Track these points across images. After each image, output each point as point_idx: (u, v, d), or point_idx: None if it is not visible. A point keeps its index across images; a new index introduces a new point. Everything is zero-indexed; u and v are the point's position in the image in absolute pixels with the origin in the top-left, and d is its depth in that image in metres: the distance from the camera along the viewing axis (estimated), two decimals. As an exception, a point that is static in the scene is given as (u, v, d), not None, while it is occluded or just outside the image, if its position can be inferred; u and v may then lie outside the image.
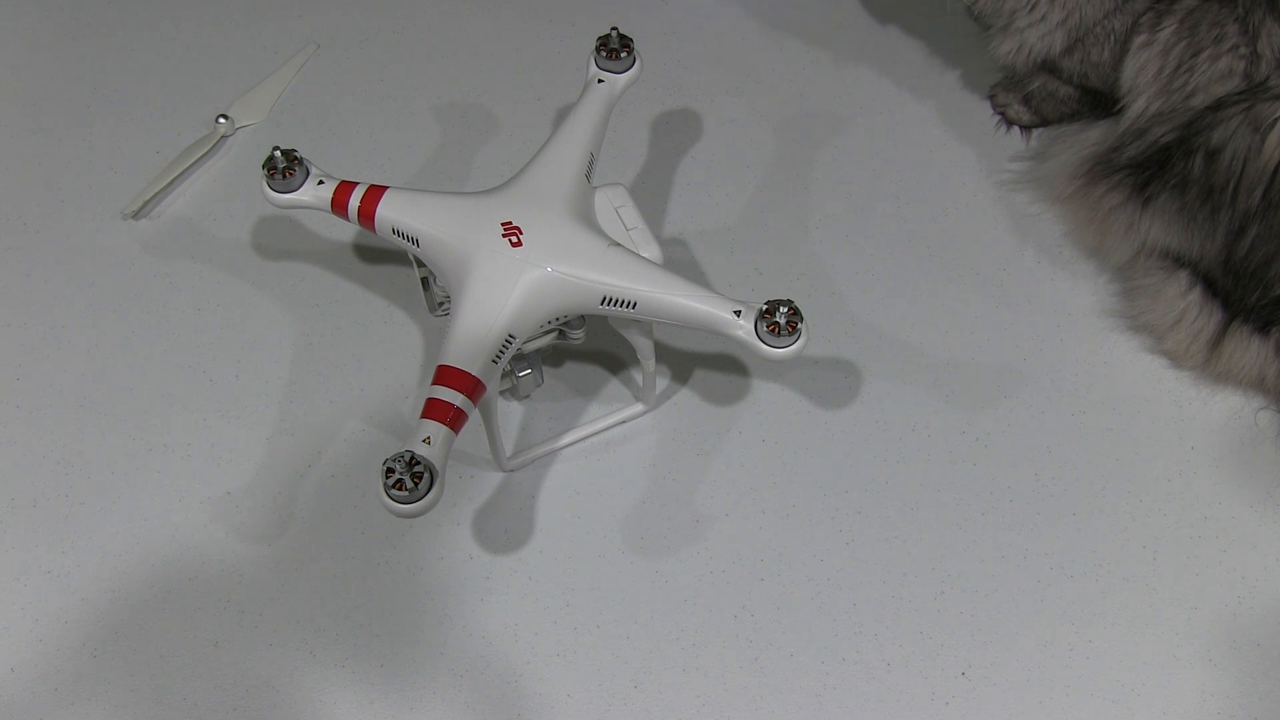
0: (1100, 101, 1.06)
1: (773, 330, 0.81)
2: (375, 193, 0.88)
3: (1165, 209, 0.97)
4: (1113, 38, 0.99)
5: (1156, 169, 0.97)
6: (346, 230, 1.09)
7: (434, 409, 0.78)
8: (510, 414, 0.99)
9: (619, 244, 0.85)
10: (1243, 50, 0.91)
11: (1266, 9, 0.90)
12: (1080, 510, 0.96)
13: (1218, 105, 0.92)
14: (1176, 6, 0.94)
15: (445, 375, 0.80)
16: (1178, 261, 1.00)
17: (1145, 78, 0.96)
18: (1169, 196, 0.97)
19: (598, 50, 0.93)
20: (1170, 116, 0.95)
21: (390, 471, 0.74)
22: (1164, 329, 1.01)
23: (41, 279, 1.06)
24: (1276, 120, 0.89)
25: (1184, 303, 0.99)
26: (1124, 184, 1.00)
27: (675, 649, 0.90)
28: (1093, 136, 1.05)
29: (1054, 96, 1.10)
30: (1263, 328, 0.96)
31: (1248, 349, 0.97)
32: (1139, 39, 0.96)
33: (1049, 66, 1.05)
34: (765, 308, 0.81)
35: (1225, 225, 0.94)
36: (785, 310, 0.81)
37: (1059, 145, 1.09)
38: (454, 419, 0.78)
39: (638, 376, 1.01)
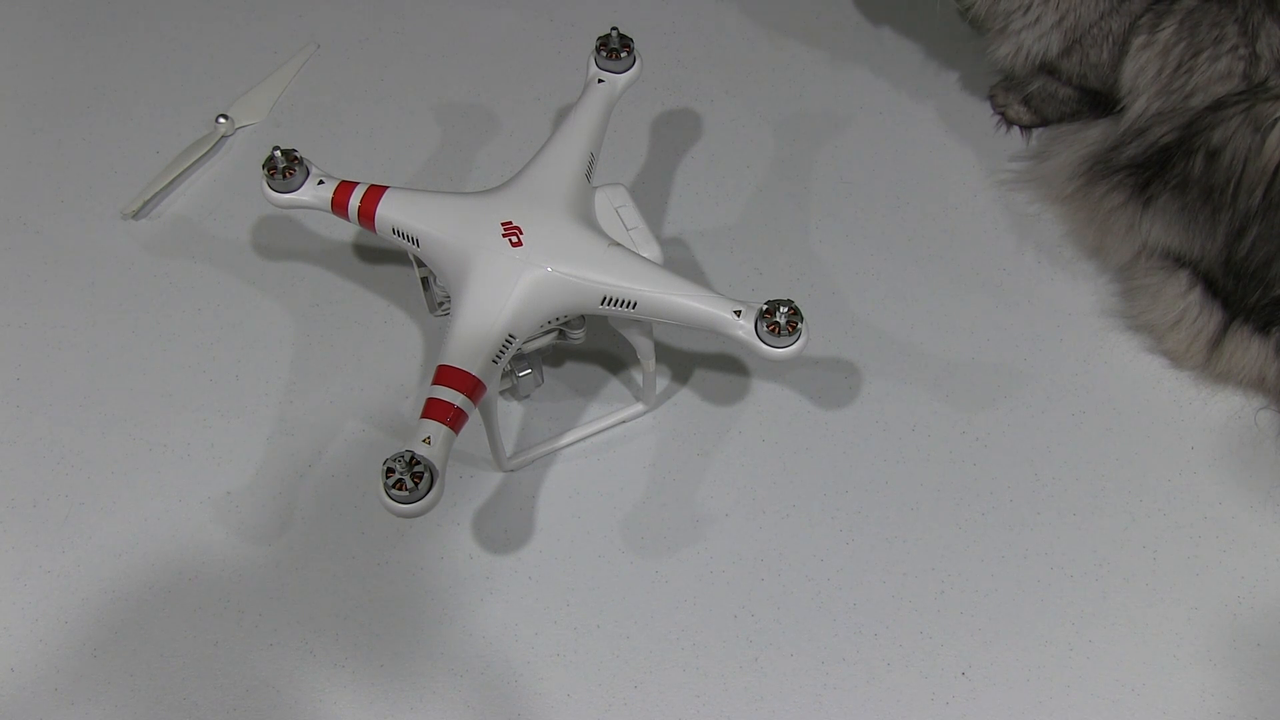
0: (1100, 102, 1.06)
1: (773, 330, 0.81)
2: (375, 193, 0.88)
3: (1166, 209, 0.97)
4: (1110, 39, 0.99)
5: (1157, 169, 0.97)
6: (346, 230, 1.09)
7: (434, 409, 0.78)
8: (510, 414, 0.99)
9: (619, 244, 0.85)
10: (1242, 51, 0.91)
11: (1266, 9, 0.90)
12: (1080, 510, 0.96)
13: (1217, 105, 0.92)
14: (1176, 7, 0.94)
15: (445, 375, 0.80)
16: (1178, 262, 1.00)
17: (1145, 79, 0.96)
18: (1169, 197, 0.97)
19: (598, 50, 0.93)
20: (1170, 117, 0.95)
21: (390, 471, 0.74)
22: (1164, 329, 1.01)
23: (41, 279, 1.06)
24: (1277, 120, 0.89)
25: (1184, 303, 0.99)
26: (1124, 184, 1.00)
27: (675, 649, 0.90)
28: (1092, 135, 1.05)
29: (1054, 97, 1.10)
30: (1263, 328, 0.96)
31: (1248, 349, 0.97)
32: (1138, 40, 0.96)
33: (1048, 68, 1.05)
34: (765, 308, 0.81)
35: (1226, 225, 0.94)
36: (785, 310, 0.81)
37: (1058, 145, 1.09)
38: (454, 419, 0.78)
39: (638, 376, 1.01)
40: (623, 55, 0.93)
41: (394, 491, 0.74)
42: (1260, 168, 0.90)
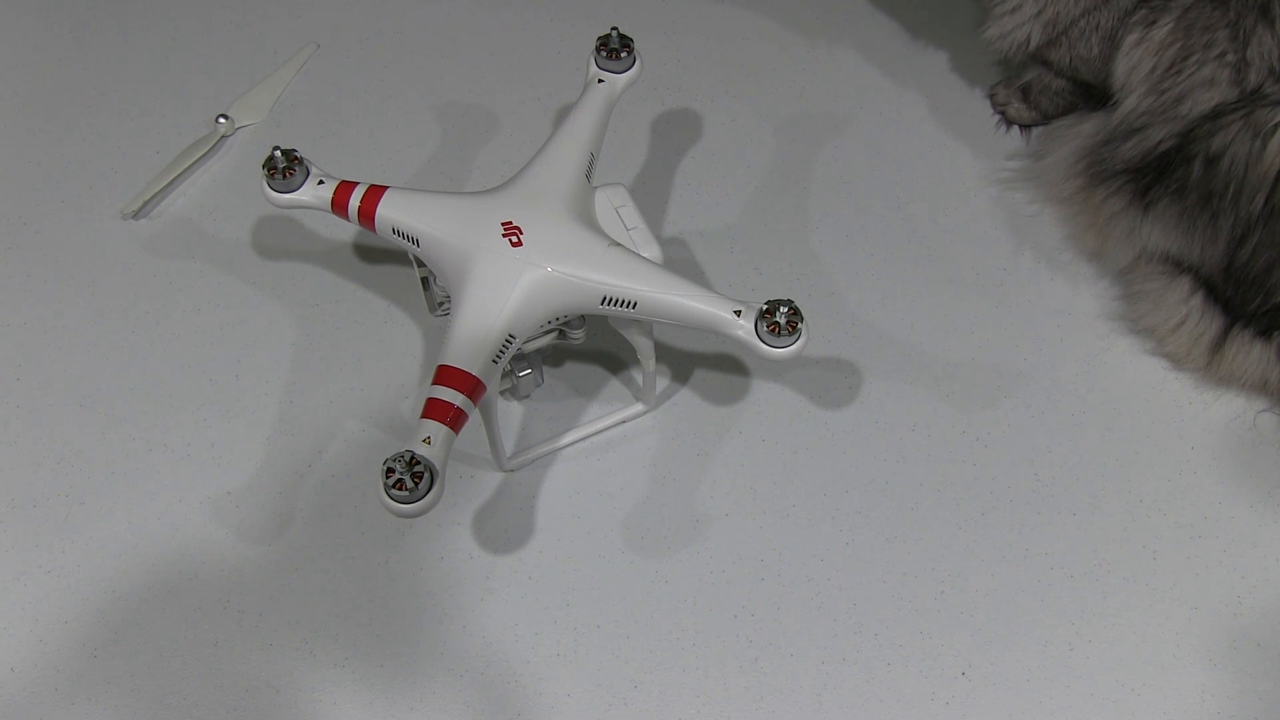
0: (1095, 95, 1.06)
1: (773, 330, 0.81)
2: (375, 193, 0.88)
3: (1165, 214, 0.97)
4: (1099, 33, 0.99)
5: (1156, 174, 0.97)
6: (346, 230, 1.09)
7: (434, 409, 0.78)
8: (510, 414, 0.99)
9: (619, 244, 0.85)
10: (1229, 58, 0.91)
11: (1259, 15, 0.90)
12: (1080, 510, 0.96)
13: (1216, 113, 0.92)
14: (1171, 5, 0.94)
15: (445, 375, 0.80)
16: (1178, 266, 1.00)
17: (1138, 76, 0.96)
18: (1169, 201, 0.97)
19: (598, 50, 0.93)
20: (1164, 119, 0.95)
21: (390, 471, 0.74)
22: (1165, 332, 1.01)
23: (41, 279, 1.06)
24: (1277, 126, 0.88)
25: (1186, 308, 0.99)
26: (1125, 189, 1.00)
27: (675, 649, 0.90)
28: (1086, 129, 1.05)
29: (1049, 89, 1.10)
30: (1264, 332, 0.96)
31: (1250, 353, 0.97)
32: (1132, 37, 0.96)
33: (1038, 58, 1.05)
34: (765, 308, 0.81)
35: (1227, 232, 0.94)
36: (785, 310, 0.81)
37: (1055, 142, 1.09)
38: (454, 419, 0.78)
39: (638, 376, 1.01)
40: (623, 55, 0.93)
41: (394, 491, 0.74)
42: (1261, 174, 0.90)
